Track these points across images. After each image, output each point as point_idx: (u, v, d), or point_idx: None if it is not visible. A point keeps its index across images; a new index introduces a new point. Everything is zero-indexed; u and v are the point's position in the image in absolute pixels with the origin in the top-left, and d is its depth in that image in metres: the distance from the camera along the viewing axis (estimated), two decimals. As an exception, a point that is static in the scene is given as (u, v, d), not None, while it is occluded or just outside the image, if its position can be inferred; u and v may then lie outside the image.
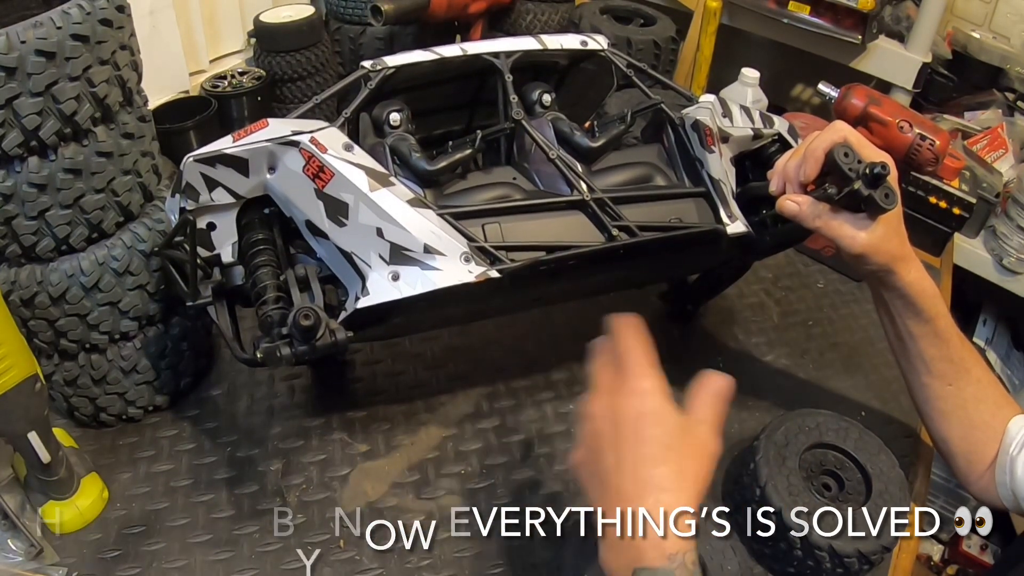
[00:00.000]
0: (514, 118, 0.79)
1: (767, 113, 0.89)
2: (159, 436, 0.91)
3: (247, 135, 0.70)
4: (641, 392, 0.56)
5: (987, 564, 1.75)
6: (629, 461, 0.54)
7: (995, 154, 1.54)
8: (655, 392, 0.56)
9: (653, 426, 0.55)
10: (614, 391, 0.57)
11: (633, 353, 0.58)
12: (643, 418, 0.55)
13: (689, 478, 0.55)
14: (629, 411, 0.55)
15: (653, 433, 0.54)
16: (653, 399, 0.56)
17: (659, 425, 0.55)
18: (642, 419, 0.55)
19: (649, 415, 0.55)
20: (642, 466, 0.54)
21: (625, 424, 0.55)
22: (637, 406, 0.55)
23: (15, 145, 0.69)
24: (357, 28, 1.44)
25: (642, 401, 0.55)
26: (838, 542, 0.74)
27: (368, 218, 0.67)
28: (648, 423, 0.55)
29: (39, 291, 0.77)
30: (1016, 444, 0.79)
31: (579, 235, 0.74)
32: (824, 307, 1.18)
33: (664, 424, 0.55)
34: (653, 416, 0.55)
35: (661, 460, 0.54)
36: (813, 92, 1.83)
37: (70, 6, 0.69)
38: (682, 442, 0.55)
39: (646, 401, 0.55)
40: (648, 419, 0.55)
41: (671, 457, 0.54)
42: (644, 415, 0.55)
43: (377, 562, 0.80)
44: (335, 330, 0.66)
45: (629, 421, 0.55)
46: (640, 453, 0.54)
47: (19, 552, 0.77)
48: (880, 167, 0.68)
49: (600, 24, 1.47)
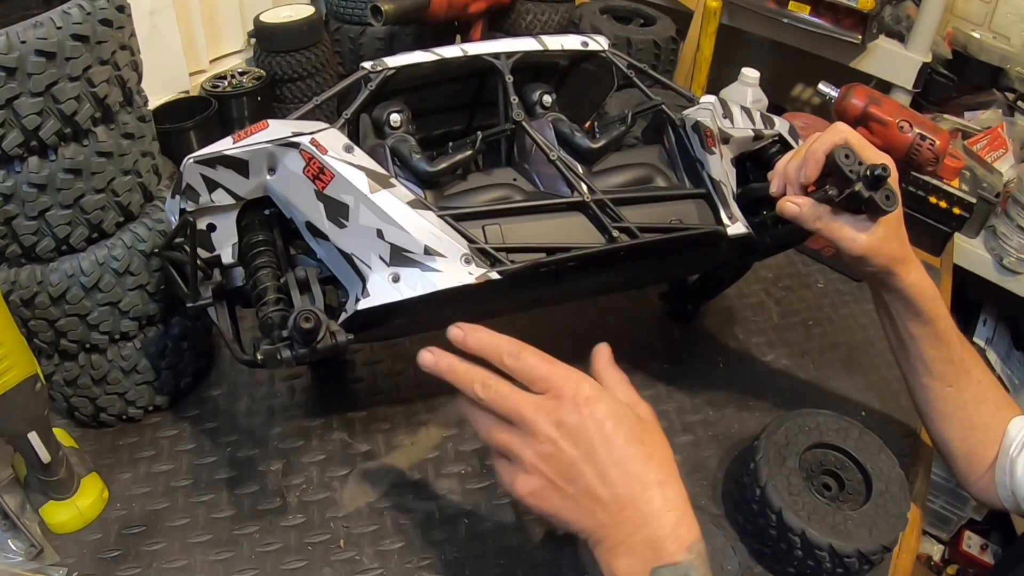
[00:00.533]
0: (514, 119, 0.79)
1: (768, 114, 0.89)
2: (159, 436, 0.91)
3: (247, 136, 0.70)
4: (586, 399, 0.54)
5: (987, 564, 1.76)
6: (613, 468, 0.53)
7: (995, 154, 1.54)
8: (599, 394, 0.55)
9: (618, 427, 0.54)
10: (551, 409, 0.55)
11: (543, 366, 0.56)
12: (604, 423, 0.54)
13: (668, 463, 0.55)
14: (585, 422, 0.54)
15: (622, 433, 0.54)
16: (601, 402, 0.55)
17: (622, 424, 0.54)
18: (603, 425, 0.54)
19: (608, 419, 0.54)
20: (631, 468, 0.53)
21: (588, 436, 0.54)
22: (591, 414, 0.54)
23: (15, 145, 0.68)
24: (357, 28, 1.44)
25: (593, 408, 0.54)
26: (838, 542, 0.74)
27: (368, 219, 0.67)
28: (611, 426, 0.54)
29: (39, 291, 0.77)
30: (1016, 445, 0.79)
31: (579, 236, 0.74)
32: (824, 307, 1.18)
33: (625, 421, 0.55)
34: (612, 418, 0.54)
35: (644, 457, 0.54)
36: (813, 92, 1.84)
37: (70, 6, 0.68)
38: (643, 430, 0.55)
39: (597, 406, 0.54)
40: (609, 423, 0.54)
41: (648, 450, 0.54)
42: (603, 420, 0.54)
43: (377, 562, 0.80)
44: (335, 332, 0.66)
45: (591, 431, 0.54)
46: (620, 456, 0.53)
47: (19, 552, 0.77)
48: (881, 169, 0.68)
49: (600, 24, 1.47)
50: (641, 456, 0.54)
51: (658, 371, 1.03)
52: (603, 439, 0.54)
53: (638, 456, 0.54)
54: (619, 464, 0.53)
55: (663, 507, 0.53)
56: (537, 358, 0.57)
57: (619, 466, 0.53)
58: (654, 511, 0.53)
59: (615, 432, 0.54)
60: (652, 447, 0.55)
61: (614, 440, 0.54)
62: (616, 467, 0.53)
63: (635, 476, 0.53)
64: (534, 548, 0.82)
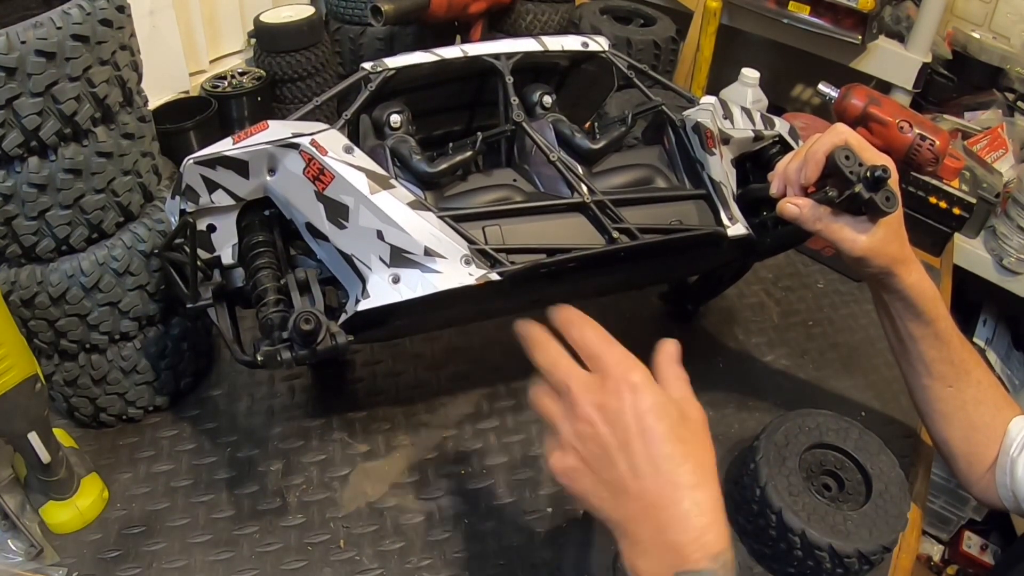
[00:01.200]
0: (515, 120, 0.79)
1: (768, 115, 0.89)
2: (159, 436, 0.92)
3: (247, 137, 0.70)
4: (632, 386, 0.52)
5: (987, 564, 1.76)
6: (646, 463, 0.52)
7: (995, 154, 1.54)
8: (646, 383, 0.53)
9: (658, 422, 0.52)
10: (595, 389, 0.53)
11: (601, 344, 0.55)
12: (645, 416, 0.52)
13: (707, 467, 0.52)
14: (626, 409, 0.52)
15: (660, 430, 0.52)
16: (647, 392, 0.53)
17: (663, 419, 0.52)
18: (644, 417, 0.52)
19: (649, 411, 0.52)
20: (664, 466, 0.51)
21: (626, 425, 0.52)
22: (633, 403, 0.52)
23: (15, 145, 0.68)
24: (357, 28, 1.44)
25: (636, 396, 0.52)
26: (838, 542, 0.74)
27: (368, 220, 0.67)
28: (651, 420, 0.52)
29: (39, 291, 0.77)
30: (1016, 445, 0.79)
31: (580, 237, 0.74)
32: (824, 307, 1.18)
33: (667, 417, 0.52)
34: (654, 411, 0.52)
35: (680, 457, 0.52)
36: (813, 92, 1.83)
37: (70, 6, 0.68)
38: (687, 430, 0.53)
39: (641, 396, 0.52)
40: (650, 415, 0.52)
41: (687, 451, 0.52)
42: (644, 412, 0.52)
43: (377, 562, 0.80)
44: (336, 334, 0.66)
45: (630, 421, 0.52)
46: (655, 453, 0.51)
47: (19, 552, 0.77)
48: (881, 170, 0.68)
49: (600, 24, 1.46)
50: (677, 456, 0.52)
51: (658, 371, 1.03)
52: (640, 431, 0.52)
53: (674, 455, 0.52)
54: (653, 460, 0.51)
55: (691, 511, 0.50)
56: (597, 335, 0.55)
57: (652, 462, 0.51)
58: (681, 514, 0.51)
59: (654, 426, 0.52)
60: (692, 448, 0.52)
61: (651, 434, 0.52)
62: (649, 462, 0.51)
63: (667, 475, 0.51)
64: (534, 548, 0.82)
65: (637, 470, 0.52)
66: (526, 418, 0.96)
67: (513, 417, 0.96)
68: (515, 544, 0.82)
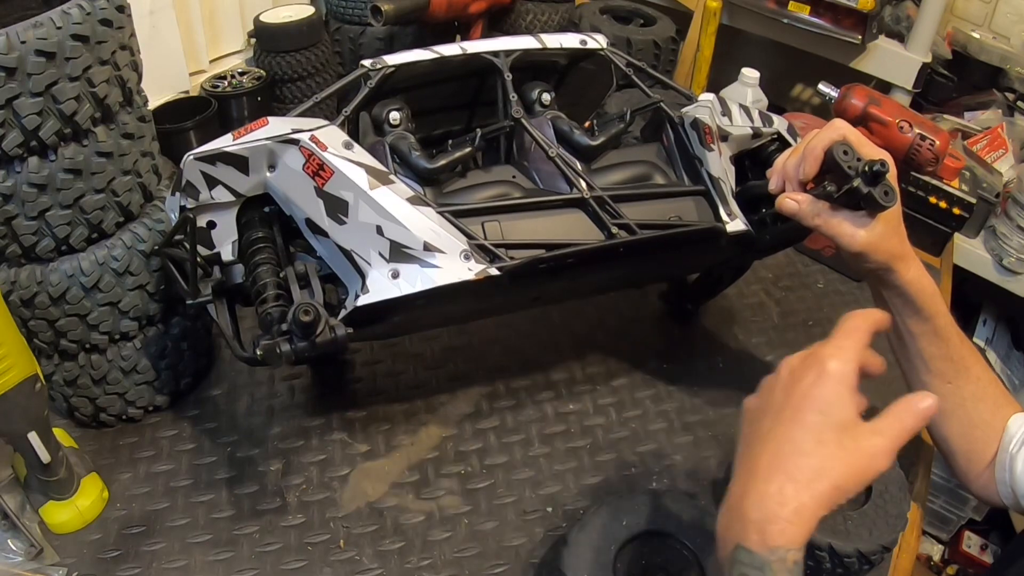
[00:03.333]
0: (514, 117, 0.79)
1: (766, 112, 0.89)
2: (159, 436, 0.91)
3: (247, 133, 0.70)
4: (821, 370, 0.53)
5: (987, 564, 1.75)
6: (777, 436, 0.52)
7: (995, 154, 1.54)
8: (836, 376, 0.52)
9: (815, 412, 0.52)
10: (802, 357, 0.55)
11: (846, 327, 0.55)
12: (809, 399, 0.52)
13: (827, 480, 0.50)
14: (803, 385, 0.53)
15: (812, 419, 0.52)
16: (829, 383, 0.52)
17: (821, 413, 0.52)
18: (808, 399, 0.52)
19: (817, 398, 0.52)
20: (785, 448, 0.51)
21: (791, 396, 0.53)
22: (811, 383, 0.52)
23: (15, 145, 0.69)
24: (357, 28, 1.44)
25: (818, 380, 0.52)
26: (838, 542, 0.74)
27: (368, 216, 0.67)
28: (812, 406, 0.52)
29: (39, 291, 0.77)
30: (1016, 442, 0.79)
31: (579, 233, 0.74)
32: (824, 307, 1.18)
33: (828, 414, 0.51)
34: (820, 401, 0.52)
35: (806, 450, 0.51)
36: (813, 92, 1.84)
37: (70, 6, 0.69)
38: (838, 441, 0.51)
39: (823, 383, 0.52)
40: (814, 402, 0.52)
41: (818, 451, 0.51)
42: (812, 396, 0.52)
43: (377, 562, 0.80)
44: (335, 326, 0.66)
45: (796, 395, 0.53)
46: (789, 434, 0.52)
47: (19, 552, 0.77)
48: (879, 164, 0.68)
49: (600, 24, 1.47)
50: (805, 449, 0.51)
51: (658, 371, 1.03)
52: (794, 410, 0.52)
53: (803, 448, 0.51)
54: (782, 439, 0.52)
55: (774, 496, 0.50)
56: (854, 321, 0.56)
57: (780, 441, 0.52)
58: (764, 492, 0.50)
59: (807, 413, 0.52)
60: (825, 452, 0.51)
61: (801, 417, 0.52)
62: (778, 439, 0.52)
63: (782, 456, 0.51)
64: (534, 548, 0.82)
65: (767, 437, 0.53)
66: (526, 418, 0.96)
67: (513, 417, 0.96)
68: (515, 544, 0.82)
